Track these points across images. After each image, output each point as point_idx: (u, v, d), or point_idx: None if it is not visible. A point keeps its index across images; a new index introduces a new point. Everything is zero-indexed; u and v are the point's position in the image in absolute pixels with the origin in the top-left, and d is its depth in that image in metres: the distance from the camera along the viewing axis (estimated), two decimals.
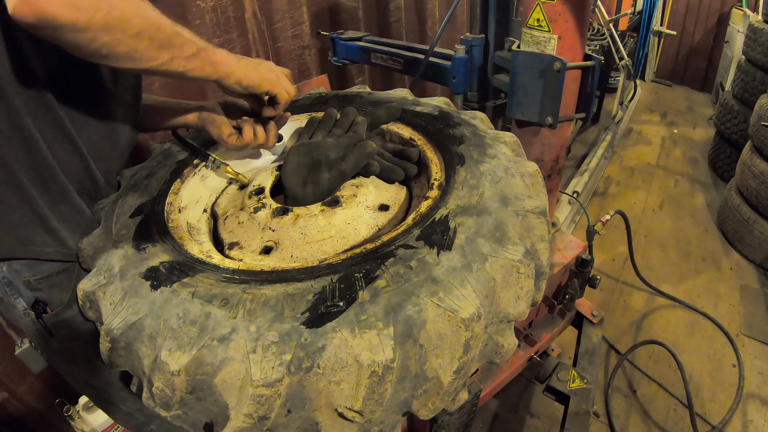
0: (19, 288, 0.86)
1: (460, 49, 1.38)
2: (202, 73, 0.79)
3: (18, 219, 0.81)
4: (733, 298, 2.44)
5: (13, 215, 0.80)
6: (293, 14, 1.98)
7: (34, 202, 0.81)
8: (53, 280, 0.87)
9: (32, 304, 0.87)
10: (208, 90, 1.76)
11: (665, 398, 1.97)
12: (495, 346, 0.71)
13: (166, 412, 0.63)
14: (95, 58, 0.68)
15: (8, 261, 0.83)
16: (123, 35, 0.66)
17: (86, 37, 0.63)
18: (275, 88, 0.91)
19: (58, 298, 0.88)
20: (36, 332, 0.90)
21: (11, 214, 0.80)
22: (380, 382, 0.55)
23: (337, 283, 0.61)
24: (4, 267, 0.84)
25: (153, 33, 0.69)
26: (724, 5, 4.54)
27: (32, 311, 0.87)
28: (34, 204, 0.81)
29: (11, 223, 0.80)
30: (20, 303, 0.87)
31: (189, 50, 0.75)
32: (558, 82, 1.25)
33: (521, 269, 0.69)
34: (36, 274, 0.85)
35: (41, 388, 1.62)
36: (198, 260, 0.72)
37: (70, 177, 0.86)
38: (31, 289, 0.86)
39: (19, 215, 0.81)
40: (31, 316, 0.87)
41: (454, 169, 0.84)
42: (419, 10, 2.66)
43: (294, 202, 0.90)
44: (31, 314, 0.87)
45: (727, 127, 3.22)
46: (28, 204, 0.81)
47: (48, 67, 0.77)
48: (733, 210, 2.71)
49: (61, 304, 0.89)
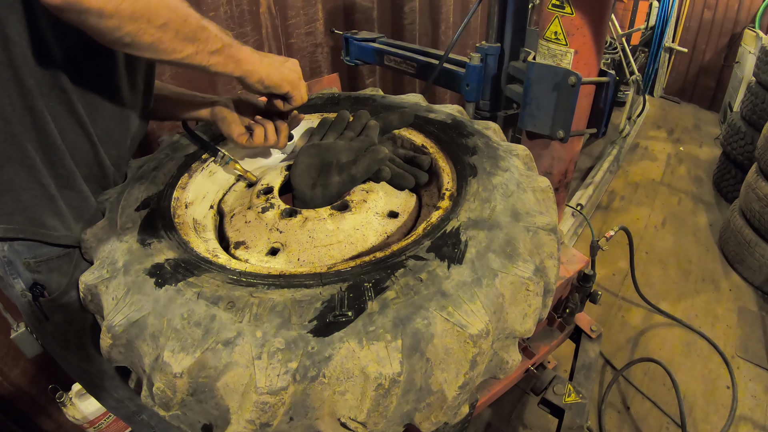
0: (19, 269, 0.85)
1: (475, 57, 1.38)
2: (225, 69, 0.79)
3: (29, 199, 0.80)
4: (731, 319, 2.44)
5: (24, 195, 0.80)
6: (308, 11, 1.98)
7: (45, 183, 0.81)
8: (53, 264, 0.87)
9: (30, 286, 0.86)
10: (219, 82, 1.75)
11: (658, 416, 1.97)
12: (500, 362, 0.70)
13: (165, 412, 0.62)
14: (118, 45, 0.67)
15: (10, 241, 0.82)
16: (149, 25, 0.65)
17: (111, 24, 0.62)
18: (294, 90, 0.91)
19: (57, 282, 0.88)
20: (32, 314, 0.90)
21: (22, 193, 0.79)
22: (386, 395, 0.55)
23: (346, 292, 0.61)
24: (5, 246, 0.83)
25: (179, 25, 0.69)
26: (737, 25, 4.53)
27: (29, 293, 0.86)
28: (45, 185, 0.81)
29: (23, 203, 0.80)
30: (18, 284, 0.87)
31: (214, 45, 0.75)
32: (572, 97, 1.24)
33: (530, 287, 0.69)
34: (37, 256, 0.85)
35: (35, 373, 1.61)
36: (204, 259, 0.71)
37: (79, 162, 0.85)
38: (31, 270, 0.86)
39: (30, 196, 0.80)
40: (28, 297, 0.87)
41: (466, 180, 0.83)
42: (433, 14, 2.66)
43: (302, 203, 0.89)
44: (28, 296, 0.87)
45: (734, 148, 3.21)
46: (40, 185, 0.80)
47: (65, 50, 0.76)
48: (735, 231, 2.70)
49: (60, 288, 0.88)
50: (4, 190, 0.78)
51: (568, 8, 1.21)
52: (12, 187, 0.78)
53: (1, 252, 0.83)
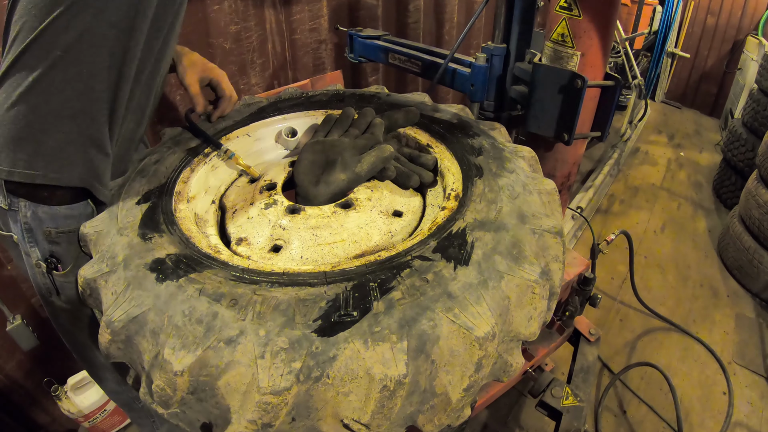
0: (38, 237, 0.85)
1: (480, 57, 1.37)
2: None
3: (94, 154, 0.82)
4: (728, 325, 2.44)
5: (90, 149, 0.82)
6: (312, 7, 1.96)
7: (104, 142, 0.83)
8: (73, 237, 0.86)
9: (46, 257, 0.86)
10: None
11: (654, 421, 1.97)
12: (503, 365, 0.70)
13: (164, 410, 0.61)
14: None
15: (34, 206, 0.82)
16: None
17: None
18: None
19: (73, 256, 0.88)
20: (43, 286, 0.90)
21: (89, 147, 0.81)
22: (391, 396, 0.54)
23: (351, 292, 0.60)
24: (28, 213, 0.83)
25: None
26: (740, 32, 4.53)
27: (44, 263, 0.86)
28: (104, 144, 0.83)
29: (88, 155, 0.82)
30: (35, 252, 0.87)
31: None
32: (577, 99, 1.23)
33: (536, 289, 0.68)
34: (58, 226, 0.85)
35: (30, 366, 1.60)
36: (206, 255, 0.70)
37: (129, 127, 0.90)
38: (50, 241, 0.86)
39: (95, 150, 0.82)
40: (42, 268, 0.87)
41: (472, 181, 0.82)
42: (438, 13, 2.64)
43: (305, 200, 0.88)
44: (42, 266, 0.87)
45: (734, 155, 3.21)
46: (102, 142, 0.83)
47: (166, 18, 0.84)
48: (734, 238, 2.71)
49: (74, 262, 0.88)
50: (72, 141, 0.79)
51: (576, 10, 1.20)
52: (80, 140, 0.80)
53: (24, 218, 0.83)
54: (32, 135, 0.76)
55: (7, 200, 0.81)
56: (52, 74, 0.74)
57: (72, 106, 0.77)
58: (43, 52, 0.72)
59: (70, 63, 0.74)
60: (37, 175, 0.78)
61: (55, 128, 0.77)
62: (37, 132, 0.76)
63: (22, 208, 0.82)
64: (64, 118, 0.77)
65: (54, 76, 0.74)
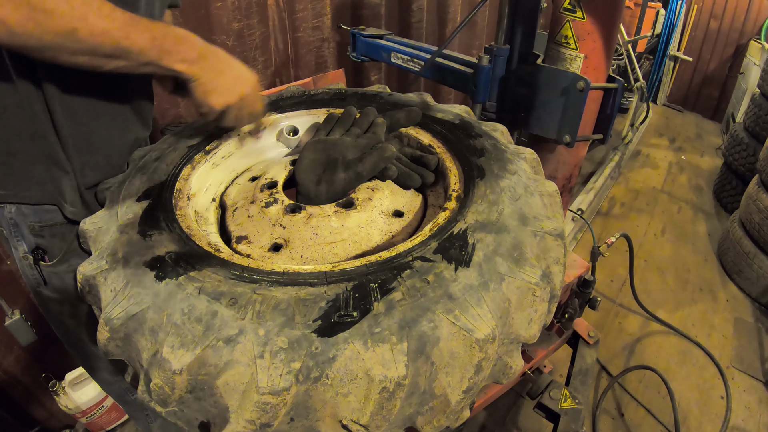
0: (23, 231, 0.88)
1: (484, 57, 1.36)
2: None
3: (56, 171, 0.84)
4: (727, 330, 2.44)
5: (53, 168, 0.83)
6: (315, 5, 1.96)
7: (62, 158, 0.84)
8: (56, 230, 0.89)
9: (32, 249, 0.89)
10: None
11: (652, 424, 1.97)
12: (503, 367, 0.69)
13: (162, 408, 0.61)
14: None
15: (18, 204, 0.85)
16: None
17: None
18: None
19: (59, 248, 0.90)
20: (32, 278, 0.93)
21: (51, 165, 0.83)
22: (390, 398, 0.54)
23: (352, 292, 0.59)
24: (12, 209, 0.85)
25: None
26: (743, 36, 4.53)
27: (31, 255, 0.89)
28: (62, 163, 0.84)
29: (51, 173, 0.84)
30: (22, 246, 0.89)
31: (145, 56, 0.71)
32: (580, 102, 1.23)
33: (537, 292, 0.68)
34: (42, 221, 0.87)
35: (28, 361, 1.60)
36: (206, 253, 0.70)
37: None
38: (35, 234, 0.88)
39: (56, 170, 0.84)
40: (29, 260, 0.90)
41: (474, 182, 0.82)
42: (441, 13, 2.64)
43: (306, 199, 0.88)
44: (29, 258, 0.89)
45: (735, 159, 3.21)
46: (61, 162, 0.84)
47: None
48: (734, 242, 2.71)
49: (59, 255, 0.91)
50: (36, 160, 0.81)
51: (580, 12, 1.20)
52: (42, 159, 0.81)
53: (9, 214, 0.86)
54: (1, 158, 0.78)
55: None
56: (4, 99, 0.76)
57: (27, 128, 0.78)
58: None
59: (11, 88, 0.75)
60: (8, 195, 0.82)
61: (18, 150, 0.79)
62: (4, 154, 0.79)
63: (6, 205, 0.85)
64: (25, 140, 0.79)
65: (5, 101, 0.76)
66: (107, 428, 1.78)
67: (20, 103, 0.76)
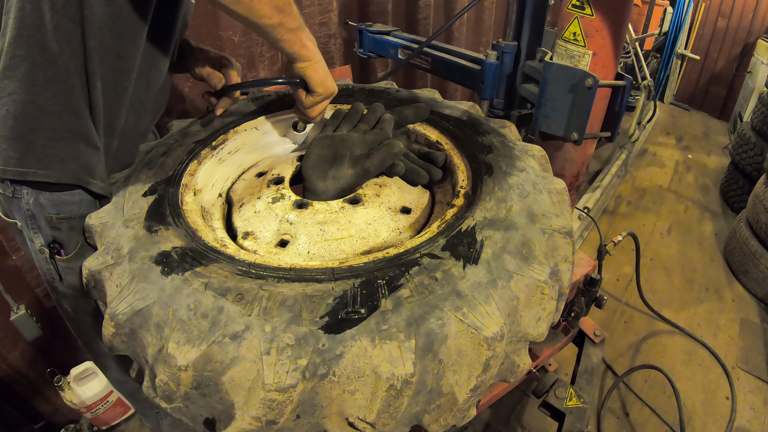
0: (40, 223, 0.86)
1: (491, 54, 1.35)
2: (291, 48, 0.84)
3: (83, 148, 0.83)
4: (733, 330, 2.43)
5: (79, 144, 0.82)
6: (322, 1, 1.95)
7: (92, 135, 0.83)
8: (74, 223, 0.87)
9: (49, 242, 0.88)
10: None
11: (657, 424, 1.95)
12: (511, 365, 0.69)
13: (167, 405, 0.60)
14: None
15: (36, 193, 0.83)
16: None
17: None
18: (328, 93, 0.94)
19: (75, 242, 0.89)
20: (47, 272, 0.92)
21: (78, 142, 0.82)
22: (397, 396, 0.53)
23: (359, 288, 0.59)
24: (30, 199, 0.84)
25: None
26: (750, 35, 4.49)
27: (47, 249, 0.88)
28: (92, 137, 0.83)
29: (77, 150, 0.82)
30: (38, 239, 0.88)
31: (293, 23, 0.81)
32: (588, 99, 1.22)
33: (545, 290, 0.67)
34: (60, 213, 0.86)
35: (33, 356, 1.60)
36: (212, 248, 0.69)
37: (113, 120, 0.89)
38: (52, 227, 0.86)
39: (84, 145, 0.82)
40: (45, 254, 0.88)
41: (482, 179, 0.81)
42: (448, 9, 2.63)
43: (313, 195, 0.87)
44: (45, 252, 0.88)
45: (742, 158, 3.18)
46: (90, 136, 0.83)
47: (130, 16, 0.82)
48: (741, 242, 2.68)
49: (76, 249, 0.89)
50: (61, 137, 0.80)
51: (588, 9, 1.19)
52: (68, 136, 0.80)
53: (26, 205, 0.84)
54: (22, 134, 0.77)
55: (11, 188, 0.82)
56: (34, 73, 0.75)
57: (56, 103, 0.78)
58: (24, 52, 0.73)
59: (49, 61, 0.75)
60: (28, 173, 0.80)
61: (42, 126, 0.78)
62: (27, 130, 0.77)
63: (24, 195, 0.83)
64: (50, 116, 0.78)
65: (36, 76, 0.75)
66: (112, 423, 1.78)
67: (51, 78, 0.76)
